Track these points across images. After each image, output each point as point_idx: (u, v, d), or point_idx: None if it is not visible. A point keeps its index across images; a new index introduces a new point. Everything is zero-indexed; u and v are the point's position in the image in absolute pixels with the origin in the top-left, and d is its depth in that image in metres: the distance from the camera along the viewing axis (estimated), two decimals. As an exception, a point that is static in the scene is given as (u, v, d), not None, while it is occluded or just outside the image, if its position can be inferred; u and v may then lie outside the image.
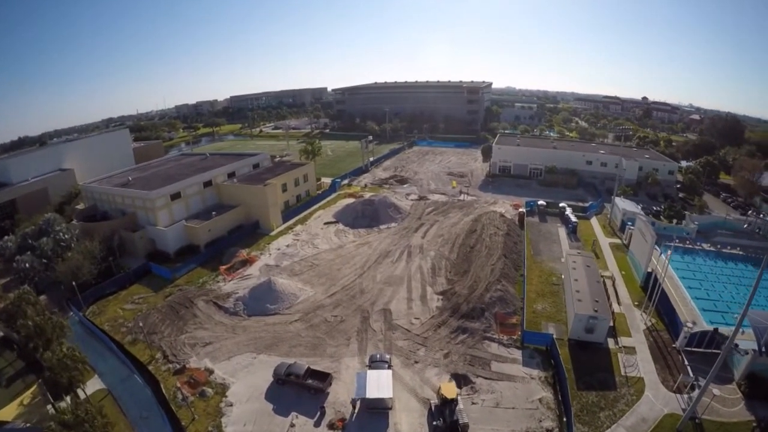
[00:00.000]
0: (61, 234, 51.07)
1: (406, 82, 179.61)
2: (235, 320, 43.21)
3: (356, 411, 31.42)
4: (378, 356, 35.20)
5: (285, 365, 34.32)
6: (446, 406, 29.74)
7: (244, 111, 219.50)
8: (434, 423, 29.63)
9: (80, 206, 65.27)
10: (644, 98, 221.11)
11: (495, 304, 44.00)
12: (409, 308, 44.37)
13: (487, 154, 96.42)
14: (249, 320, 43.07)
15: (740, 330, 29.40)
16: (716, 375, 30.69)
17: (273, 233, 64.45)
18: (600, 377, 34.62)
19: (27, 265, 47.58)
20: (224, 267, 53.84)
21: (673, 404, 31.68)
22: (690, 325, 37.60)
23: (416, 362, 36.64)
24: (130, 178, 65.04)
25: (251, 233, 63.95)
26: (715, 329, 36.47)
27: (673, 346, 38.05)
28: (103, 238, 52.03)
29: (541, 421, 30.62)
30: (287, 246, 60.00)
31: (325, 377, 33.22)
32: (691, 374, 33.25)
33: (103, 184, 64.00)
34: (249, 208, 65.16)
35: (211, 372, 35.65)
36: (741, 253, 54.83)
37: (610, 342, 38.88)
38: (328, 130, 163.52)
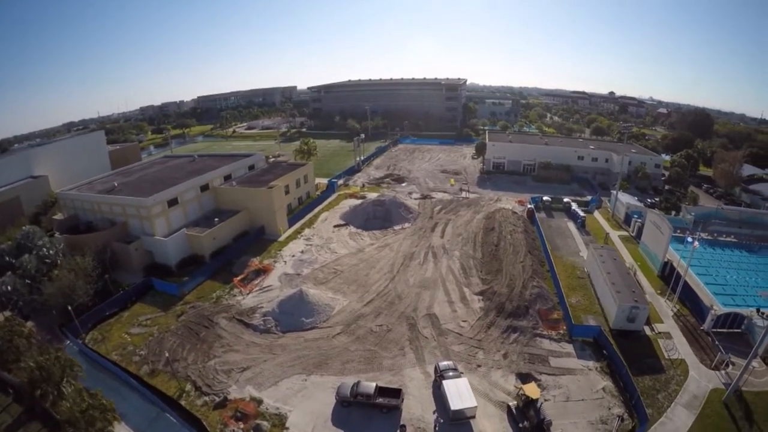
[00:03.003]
0: (44, 250, 43.92)
1: (381, 79, 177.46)
2: (269, 339, 39.13)
3: (438, 424, 29.56)
4: (444, 365, 33.32)
5: (348, 385, 31.31)
6: (530, 406, 29.23)
7: (212, 111, 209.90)
8: (520, 425, 29.02)
9: (58, 216, 57.08)
10: (611, 93, 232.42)
11: (536, 300, 43.62)
12: (453, 311, 42.69)
13: (480, 151, 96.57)
14: (285, 337, 39.21)
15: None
16: (742, 351, 35.10)
17: (281, 239, 60.08)
18: (648, 362, 35.92)
19: (9, 287, 40.39)
20: (238, 278, 49.15)
21: (714, 380, 33.75)
22: (715, 308, 40.13)
23: (479, 366, 35.43)
24: (116, 184, 57.79)
25: (257, 240, 59.24)
26: (758, 309, 38.44)
27: (702, 328, 40.05)
28: (95, 252, 45.53)
29: (610, 408, 31.24)
30: (301, 252, 56.03)
31: (397, 393, 30.77)
32: (723, 353, 35.40)
33: (83, 191, 56.29)
34: (253, 213, 60.25)
35: (259, 402, 31.66)
36: (735, 240, 58.04)
37: (646, 329, 40.05)
38: (305, 129, 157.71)
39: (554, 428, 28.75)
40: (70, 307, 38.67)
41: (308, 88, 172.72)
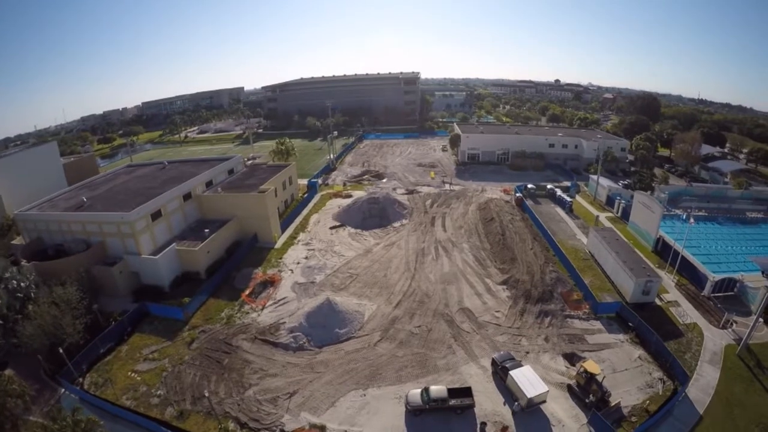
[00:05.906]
0: (14, 282, 36.51)
1: (334, 76, 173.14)
2: (305, 357, 35.96)
3: (516, 414, 29.44)
4: (500, 356, 33.24)
5: (417, 393, 29.85)
6: (591, 382, 30.17)
7: (158, 117, 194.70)
8: (587, 401, 29.91)
9: (17, 241, 48.12)
10: (557, 80, 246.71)
11: (556, 284, 44.83)
12: (483, 303, 42.53)
13: (455, 143, 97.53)
14: (323, 353, 36.31)
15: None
16: (739, 310, 39.72)
17: (278, 246, 56.01)
18: (668, 329, 38.62)
19: (-24, 333, 33.12)
20: (246, 293, 44.88)
21: (726, 338, 37.47)
22: (712, 275, 43.67)
23: (527, 353, 35.73)
24: (84, 199, 49.89)
25: (252, 249, 54.68)
26: (762, 272, 41.71)
27: (702, 294, 43.75)
28: (77, 279, 38.97)
29: (650, 373, 33.36)
30: (305, 258, 52.57)
31: (468, 392, 30.05)
32: (727, 313, 39.22)
33: (46, 210, 47.91)
34: (243, 221, 55.40)
35: (322, 428, 28.95)
36: (706, 214, 63.67)
37: (656, 300, 42.81)
38: (261, 130, 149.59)
39: (613, 398, 30.10)
40: (60, 349, 32.69)
41: (262, 88, 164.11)
